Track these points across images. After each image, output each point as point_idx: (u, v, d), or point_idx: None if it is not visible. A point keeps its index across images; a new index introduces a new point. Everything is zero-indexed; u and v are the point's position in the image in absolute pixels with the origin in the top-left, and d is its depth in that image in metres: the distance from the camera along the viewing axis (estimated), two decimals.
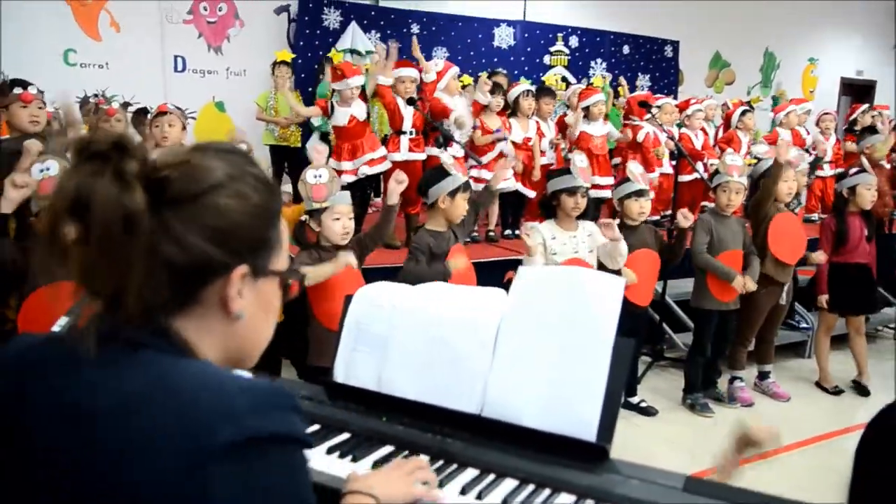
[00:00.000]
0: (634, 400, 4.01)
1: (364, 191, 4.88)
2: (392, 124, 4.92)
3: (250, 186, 0.80)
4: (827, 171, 6.91)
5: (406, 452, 1.38)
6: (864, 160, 4.88)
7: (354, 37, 7.17)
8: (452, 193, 3.10)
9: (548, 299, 1.44)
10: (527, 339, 1.43)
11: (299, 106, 5.32)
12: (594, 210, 3.93)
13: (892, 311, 5.68)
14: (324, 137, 5.79)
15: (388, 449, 1.40)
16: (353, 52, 6.92)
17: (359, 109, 4.73)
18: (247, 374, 1.55)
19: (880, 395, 4.49)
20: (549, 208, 3.61)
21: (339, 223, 2.85)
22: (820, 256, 4.25)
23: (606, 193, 5.12)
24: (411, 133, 4.84)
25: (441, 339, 1.49)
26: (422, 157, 4.92)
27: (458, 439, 1.40)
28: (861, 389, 4.49)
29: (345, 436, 1.45)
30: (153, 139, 3.85)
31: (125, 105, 5.37)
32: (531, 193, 5.41)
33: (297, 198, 5.98)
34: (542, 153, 5.48)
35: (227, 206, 0.77)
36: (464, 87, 5.51)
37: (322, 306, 2.83)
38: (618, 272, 3.38)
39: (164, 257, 0.73)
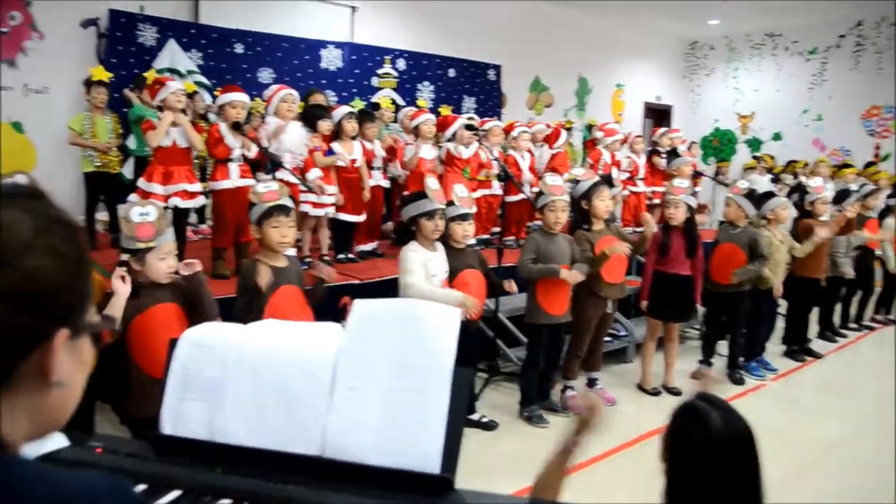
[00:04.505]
0: (475, 416, 4.09)
1: (180, 223, 4.63)
2: (214, 152, 4.67)
3: (60, 237, 0.70)
4: (641, 187, 7.59)
5: None
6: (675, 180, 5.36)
7: (174, 55, 6.81)
8: (259, 222, 3.03)
9: (384, 332, 1.42)
10: (364, 374, 1.40)
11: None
12: None
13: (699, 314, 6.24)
14: (142, 162, 5.46)
15: (226, 503, 1.31)
16: (172, 71, 6.56)
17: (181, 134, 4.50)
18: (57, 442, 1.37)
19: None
20: (408, 234, 3.71)
21: (165, 262, 2.69)
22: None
23: None
24: (239, 160, 4.66)
25: (276, 379, 1.43)
26: (251, 182, 4.73)
27: (300, 484, 1.34)
28: (672, 390, 4.89)
29: (176, 493, 1.33)
30: None
31: None
32: (359, 218, 5.42)
33: (113, 227, 5.55)
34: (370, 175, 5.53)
35: (38, 269, 0.67)
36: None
37: (143, 350, 2.62)
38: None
39: None
